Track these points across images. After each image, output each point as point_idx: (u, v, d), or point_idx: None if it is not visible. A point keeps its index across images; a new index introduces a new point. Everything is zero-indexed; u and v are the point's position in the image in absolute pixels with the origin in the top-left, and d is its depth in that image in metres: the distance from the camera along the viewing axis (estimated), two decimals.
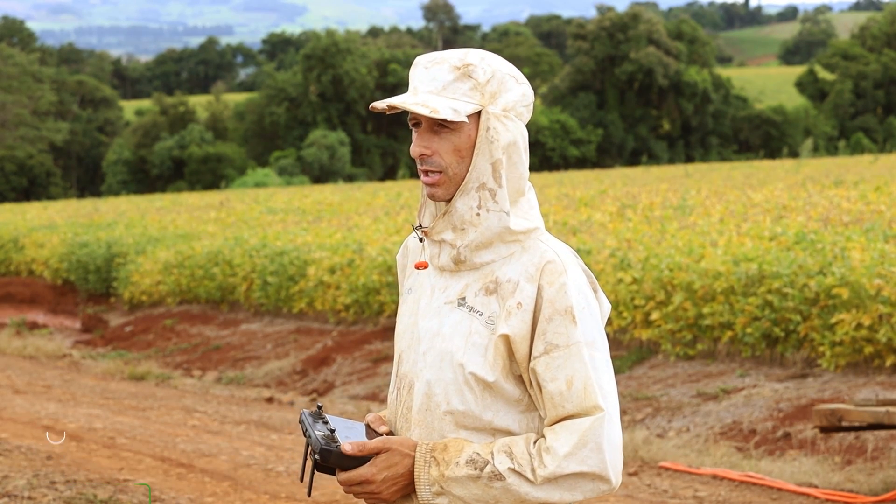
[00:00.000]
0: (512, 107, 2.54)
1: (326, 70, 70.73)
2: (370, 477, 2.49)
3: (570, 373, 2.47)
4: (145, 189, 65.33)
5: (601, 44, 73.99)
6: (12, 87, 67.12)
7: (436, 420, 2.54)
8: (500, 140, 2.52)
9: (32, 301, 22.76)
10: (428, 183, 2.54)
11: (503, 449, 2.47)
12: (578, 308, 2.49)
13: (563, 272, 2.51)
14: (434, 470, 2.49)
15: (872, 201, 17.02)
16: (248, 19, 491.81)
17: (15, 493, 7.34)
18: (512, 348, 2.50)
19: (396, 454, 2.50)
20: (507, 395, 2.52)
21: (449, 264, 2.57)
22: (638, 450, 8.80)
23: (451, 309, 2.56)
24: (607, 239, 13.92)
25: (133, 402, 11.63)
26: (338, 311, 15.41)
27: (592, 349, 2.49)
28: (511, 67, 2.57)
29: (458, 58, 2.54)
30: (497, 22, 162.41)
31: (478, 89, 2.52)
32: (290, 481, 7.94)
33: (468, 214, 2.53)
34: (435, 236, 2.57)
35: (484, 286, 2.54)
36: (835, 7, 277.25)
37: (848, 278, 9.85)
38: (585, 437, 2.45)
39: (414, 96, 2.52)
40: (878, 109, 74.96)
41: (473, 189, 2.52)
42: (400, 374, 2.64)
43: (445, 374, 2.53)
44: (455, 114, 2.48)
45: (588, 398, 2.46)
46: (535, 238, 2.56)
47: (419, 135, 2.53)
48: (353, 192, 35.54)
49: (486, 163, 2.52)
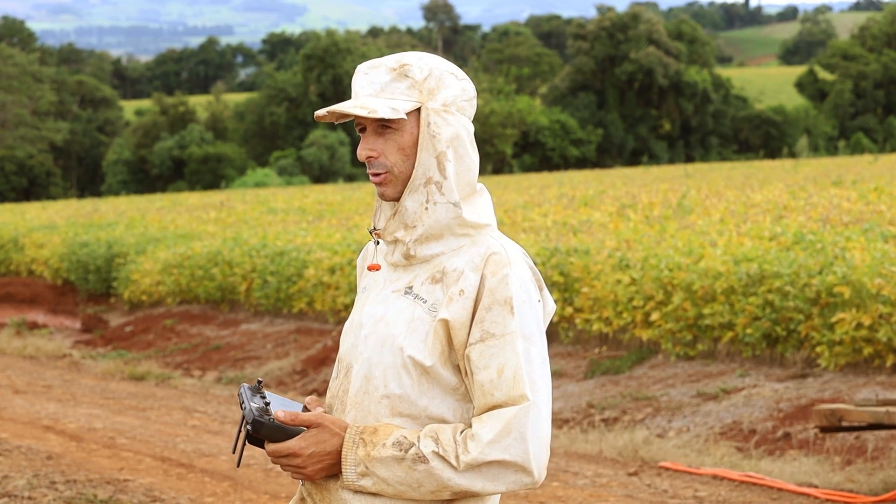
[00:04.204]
0: (452, 101, 2.59)
1: (326, 70, 70.76)
2: (298, 451, 2.52)
3: (502, 361, 2.49)
4: (145, 189, 65.32)
5: (601, 44, 73.99)
6: (12, 87, 67.14)
7: (372, 403, 2.57)
8: (441, 134, 2.56)
9: (32, 301, 22.76)
10: (376, 182, 2.59)
11: (430, 434, 2.50)
12: (518, 300, 2.52)
13: (508, 264, 2.54)
14: (361, 450, 2.51)
15: (872, 201, 17.02)
16: (248, 19, 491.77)
17: (15, 493, 7.35)
18: (451, 334, 2.53)
19: (327, 431, 2.53)
20: (444, 382, 2.55)
21: (400, 260, 2.62)
22: (638, 450, 8.80)
23: (397, 297, 2.60)
24: (607, 239, 13.91)
25: (133, 402, 11.63)
26: (338, 311, 15.41)
27: (528, 342, 2.52)
28: (450, 65, 2.62)
29: (394, 60, 2.60)
30: (497, 22, 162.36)
31: (415, 87, 2.57)
32: (290, 481, 7.94)
33: (418, 211, 2.58)
34: (388, 237, 2.62)
35: (431, 276, 2.59)
36: (835, 7, 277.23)
37: (849, 277, 9.85)
38: (510, 426, 2.47)
39: (354, 100, 2.58)
40: (878, 109, 74.95)
41: (421, 185, 2.57)
42: (340, 357, 2.68)
43: (385, 358, 2.57)
44: (393, 112, 2.53)
45: (516, 387, 2.48)
46: (485, 234, 2.61)
47: (364, 138, 2.58)
48: (353, 192, 35.54)
49: (430, 157, 2.56)
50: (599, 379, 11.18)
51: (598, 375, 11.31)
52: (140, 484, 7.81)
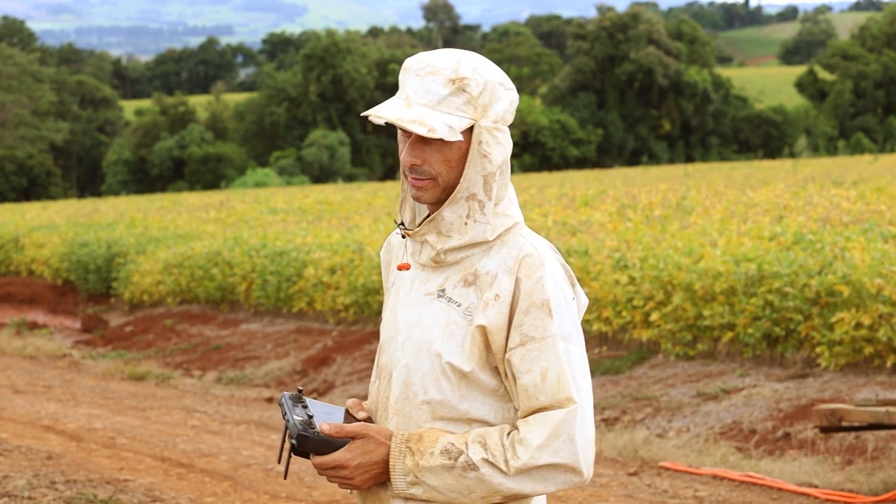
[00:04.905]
0: (501, 116, 2.58)
1: (326, 70, 70.75)
2: (344, 462, 2.53)
3: (544, 365, 2.51)
4: (145, 189, 65.33)
5: (601, 44, 73.99)
6: (12, 87, 67.13)
7: (413, 409, 2.58)
8: (492, 155, 2.56)
9: (32, 301, 22.76)
10: (417, 187, 2.58)
11: (477, 439, 2.51)
12: (555, 301, 2.53)
13: (541, 265, 2.54)
14: (409, 460, 2.52)
15: (872, 201, 17.02)
16: (248, 19, 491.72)
17: (15, 493, 7.35)
18: (488, 339, 2.54)
19: (372, 441, 2.54)
20: (484, 385, 2.56)
21: (429, 262, 2.62)
22: (638, 450, 8.79)
23: (430, 300, 2.60)
24: (607, 239, 13.91)
25: (133, 402, 11.63)
26: (338, 311, 15.41)
27: (568, 342, 2.53)
28: (499, 73, 2.60)
29: (451, 69, 2.55)
30: (497, 22, 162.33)
31: (471, 103, 2.54)
32: (290, 481, 7.94)
33: (456, 223, 2.58)
34: (418, 237, 2.62)
35: (463, 278, 2.59)
36: (835, 7, 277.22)
37: (849, 277, 9.85)
38: (558, 429, 2.48)
39: (409, 109, 2.54)
40: (878, 109, 74.97)
41: (463, 199, 2.56)
42: (380, 365, 2.68)
43: (423, 364, 2.58)
44: (451, 132, 2.52)
45: (561, 390, 2.50)
46: (514, 232, 2.60)
47: (410, 145, 2.56)
48: (353, 192, 35.55)
49: (477, 174, 2.55)
50: (599, 379, 11.18)
51: (598, 375, 11.30)
52: (140, 484, 7.81)
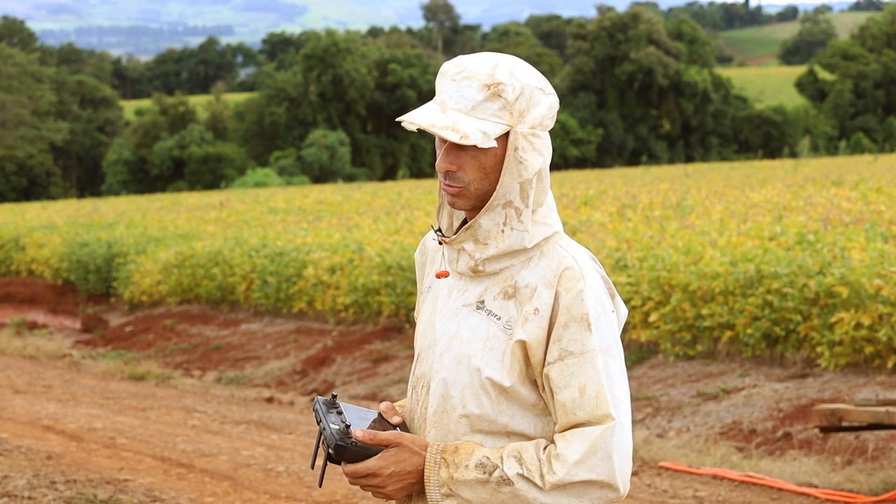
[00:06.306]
0: (539, 122, 2.53)
1: (326, 70, 70.74)
2: (377, 470, 2.50)
3: (583, 380, 2.47)
4: (145, 189, 65.32)
5: (601, 44, 74.02)
6: (12, 87, 67.13)
7: (451, 422, 2.55)
8: (528, 161, 2.51)
9: (32, 301, 22.77)
10: (450, 193, 2.54)
11: (513, 454, 2.48)
12: (594, 315, 2.49)
13: (581, 279, 2.50)
14: (444, 471, 2.50)
15: (872, 201, 17.01)
16: (248, 19, 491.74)
17: (15, 493, 7.35)
18: (528, 353, 2.51)
19: (406, 451, 2.52)
20: (523, 400, 2.53)
21: (467, 271, 2.58)
22: (638, 450, 8.80)
23: (469, 312, 2.57)
24: (607, 239, 13.91)
25: (133, 402, 11.63)
26: (337, 311, 15.41)
27: (607, 356, 2.50)
28: (538, 78, 2.55)
29: (487, 74, 2.50)
30: (497, 22, 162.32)
31: (507, 108, 2.49)
32: (290, 481, 7.94)
33: (493, 231, 2.53)
34: (455, 244, 2.58)
35: (503, 290, 2.55)
36: (835, 7, 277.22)
37: (848, 278, 9.85)
38: (596, 446, 2.45)
39: (443, 114, 2.50)
40: (878, 109, 74.97)
41: (500, 206, 2.52)
42: (417, 374, 2.65)
43: (462, 378, 2.55)
44: (485, 138, 2.47)
45: (600, 407, 2.47)
46: (553, 242, 2.56)
47: (445, 151, 2.52)
48: (353, 193, 35.54)
49: (513, 181, 2.51)
50: None
51: None
52: (140, 484, 7.81)
